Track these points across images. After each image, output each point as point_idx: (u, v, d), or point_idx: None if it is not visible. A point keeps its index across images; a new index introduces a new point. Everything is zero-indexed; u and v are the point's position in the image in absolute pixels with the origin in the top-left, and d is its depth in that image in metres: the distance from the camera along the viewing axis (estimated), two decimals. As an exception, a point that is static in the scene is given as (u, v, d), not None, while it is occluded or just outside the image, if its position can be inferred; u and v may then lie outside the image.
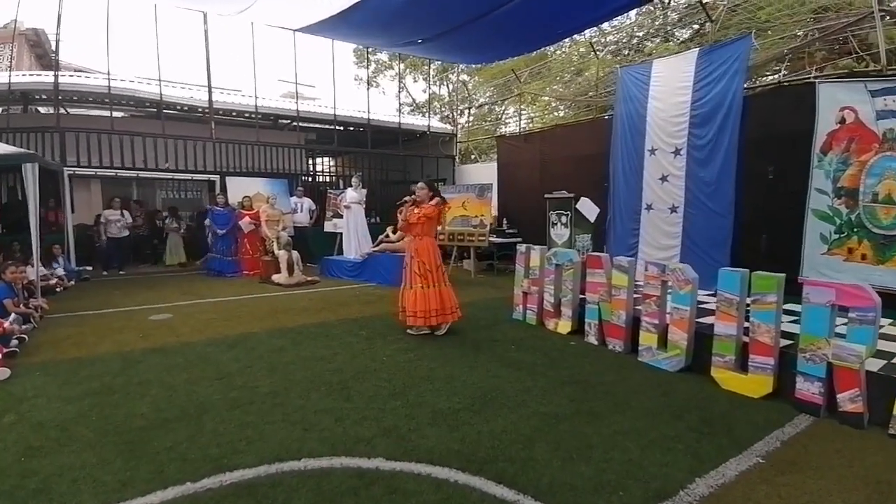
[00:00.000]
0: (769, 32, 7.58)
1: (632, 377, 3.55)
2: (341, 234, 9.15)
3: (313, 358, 3.92)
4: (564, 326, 4.65)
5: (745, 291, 3.28)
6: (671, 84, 6.94)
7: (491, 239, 8.10)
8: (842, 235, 5.29)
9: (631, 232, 7.04)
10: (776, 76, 7.06)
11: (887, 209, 4.81)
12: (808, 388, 2.92)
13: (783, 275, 3.13)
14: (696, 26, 11.93)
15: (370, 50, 23.09)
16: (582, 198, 5.41)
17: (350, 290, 7.02)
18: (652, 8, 11.69)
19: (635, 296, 4.13)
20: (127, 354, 4.00)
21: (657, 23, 12.24)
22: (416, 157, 11.21)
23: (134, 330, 4.78)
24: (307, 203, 9.26)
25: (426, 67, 23.56)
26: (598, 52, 11.28)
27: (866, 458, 2.45)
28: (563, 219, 5.04)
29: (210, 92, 8.43)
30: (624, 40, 12.99)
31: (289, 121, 10.71)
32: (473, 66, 12.90)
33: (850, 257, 5.21)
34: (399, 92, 15.57)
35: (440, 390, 3.26)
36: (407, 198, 4.54)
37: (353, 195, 8.10)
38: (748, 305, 3.30)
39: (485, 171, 10.67)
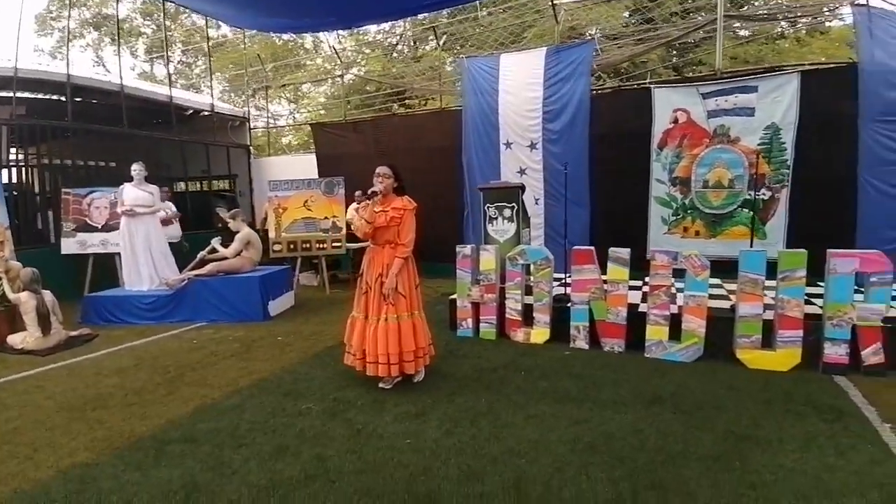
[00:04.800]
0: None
1: (677, 378, 3.22)
2: (108, 255, 6.00)
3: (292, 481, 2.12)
4: (540, 335, 4.01)
5: (765, 271, 3.36)
6: (521, 79, 7.05)
7: (348, 245, 6.67)
8: (678, 217, 6.37)
9: (489, 224, 6.95)
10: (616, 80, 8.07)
11: (717, 193, 6.00)
12: (835, 352, 3.17)
13: (805, 251, 3.28)
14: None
15: (53, 16, 17.44)
16: (525, 187, 4.85)
17: (174, 340, 4.48)
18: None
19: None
20: None
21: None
22: (198, 145, 8.31)
23: None
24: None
25: (134, 40, 18.86)
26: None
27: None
28: (507, 212, 4.35)
29: None
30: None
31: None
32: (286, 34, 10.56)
33: (686, 234, 6.32)
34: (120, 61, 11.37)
35: (560, 468, 2.17)
36: (373, 188, 3.02)
37: (137, 194, 5.29)
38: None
39: (298, 165, 8.84)
